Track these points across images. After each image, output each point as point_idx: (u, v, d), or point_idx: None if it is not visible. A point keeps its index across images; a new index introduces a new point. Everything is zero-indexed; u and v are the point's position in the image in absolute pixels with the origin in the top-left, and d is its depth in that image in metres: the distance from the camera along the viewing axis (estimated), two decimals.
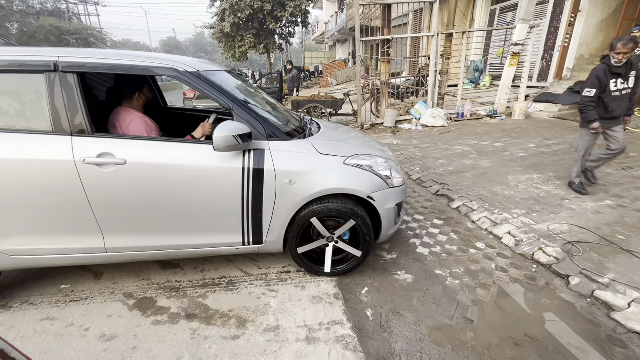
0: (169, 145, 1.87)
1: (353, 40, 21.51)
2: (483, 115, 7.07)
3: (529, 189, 3.40)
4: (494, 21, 10.13)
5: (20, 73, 1.72)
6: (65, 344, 1.69)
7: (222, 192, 1.91)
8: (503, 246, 2.54)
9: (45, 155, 1.72)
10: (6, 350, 0.78)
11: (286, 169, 1.92)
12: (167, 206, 1.90)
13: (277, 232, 2.05)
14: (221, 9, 16.60)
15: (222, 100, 1.90)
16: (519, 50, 6.58)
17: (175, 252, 2.04)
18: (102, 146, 1.76)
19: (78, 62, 1.75)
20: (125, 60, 1.83)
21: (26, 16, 27.27)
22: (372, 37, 7.45)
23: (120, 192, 1.82)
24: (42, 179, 1.74)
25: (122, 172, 1.77)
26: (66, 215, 1.83)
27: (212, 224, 2.00)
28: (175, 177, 1.85)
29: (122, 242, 1.94)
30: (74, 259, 1.95)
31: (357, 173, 2.08)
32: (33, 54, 1.75)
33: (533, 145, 4.87)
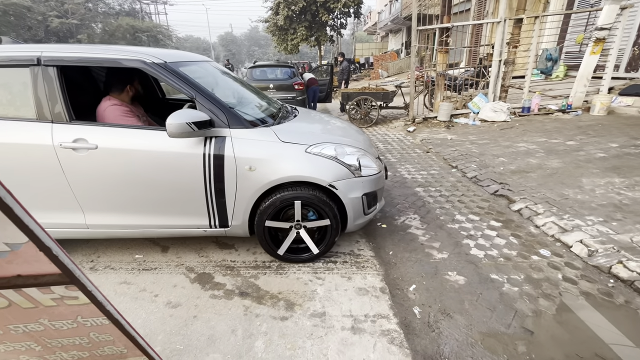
0: (137, 132, 2.04)
1: (407, 29, 20.62)
2: (554, 110, 6.34)
3: (609, 194, 2.99)
4: (573, 3, 8.93)
5: (10, 67, 1.94)
6: (139, 306, 1.93)
7: (185, 176, 2.03)
8: (573, 255, 2.29)
9: (29, 139, 1.94)
10: (104, 303, 0.92)
11: (246, 155, 1.99)
12: (136, 188, 2.06)
13: (242, 216, 2.13)
14: (276, 2, 17.01)
15: (185, 90, 1.99)
16: (604, 36, 5.74)
17: (149, 231, 2.22)
18: (78, 132, 1.95)
19: (57, 56, 1.94)
20: (97, 53, 2.00)
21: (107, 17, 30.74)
22: (429, 25, 7.05)
23: (94, 174, 2.01)
24: (27, 161, 1.97)
25: (94, 155, 1.96)
26: (50, 194, 2.05)
27: (180, 207, 2.13)
28: (141, 161, 2.00)
29: (101, 220, 2.14)
30: (60, 233, 2.19)
31: (319, 161, 2.09)
32: (20, 50, 1.98)
33: (616, 144, 4.25)
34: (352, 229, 2.31)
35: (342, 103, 7.56)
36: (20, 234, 0.68)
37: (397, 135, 6.24)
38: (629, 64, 7.41)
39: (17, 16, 21.82)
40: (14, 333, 0.95)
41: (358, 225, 2.30)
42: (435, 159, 4.61)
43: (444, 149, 4.92)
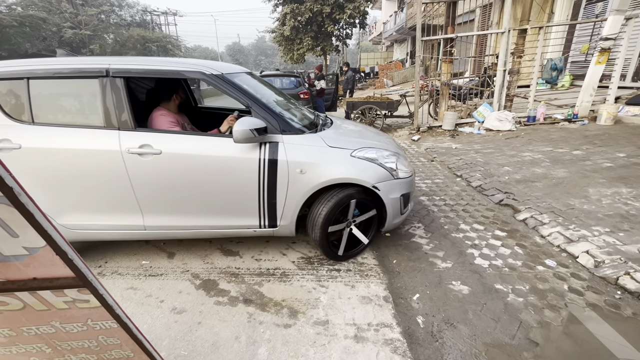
0: (197, 138, 2.20)
1: (412, 39, 20.83)
2: (560, 119, 6.32)
3: (616, 204, 2.97)
4: (578, 14, 8.98)
5: (80, 78, 2.09)
6: (145, 311, 1.96)
7: (241, 179, 2.15)
8: (579, 266, 2.27)
9: (98, 146, 2.06)
10: (114, 307, 0.95)
11: (297, 159, 2.13)
12: (194, 190, 2.17)
13: (290, 217, 2.25)
14: (282, 13, 17.35)
15: (242, 99, 2.16)
16: (609, 46, 5.75)
17: (202, 231, 2.32)
18: (143, 138, 2.07)
19: (125, 68, 2.08)
20: (162, 65, 2.18)
21: (119, 27, 31.62)
22: (433, 35, 7.13)
23: (157, 178, 2.12)
24: (96, 166, 2.09)
25: (158, 160, 2.08)
26: (114, 196, 2.16)
27: (233, 208, 2.24)
28: (201, 165, 2.12)
29: (158, 221, 2.24)
30: (119, 234, 2.29)
31: (363, 164, 2.24)
32: (90, 62, 2.12)
33: (623, 154, 4.22)
34: (389, 228, 2.46)
35: (347, 112, 7.64)
36: (39, 238, 0.72)
37: (402, 144, 6.26)
38: (636, 73, 7.39)
39: (33, 27, 22.58)
40: (27, 335, 0.99)
41: (394, 224, 2.45)
42: (440, 168, 4.62)
43: (448, 157, 4.92)
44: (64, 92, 2.18)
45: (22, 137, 2.04)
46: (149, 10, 35.11)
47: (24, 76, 2.04)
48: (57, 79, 2.10)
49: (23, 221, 0.69)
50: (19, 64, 2.09)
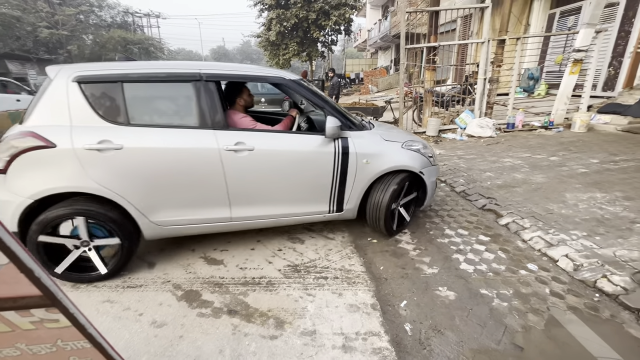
0: (283, 136, 2.42)
1: (396, 47, 21.27)
2: (537, 127, 6.58)
3: (591, 208, 3.09)
4: (552, 26, 9.42)
5: (176, 82, 2.21)
6: (122, 326, 1.85)
7: (320, 170, 2.44)
8: (559, 270, 2.33)
9: (196, 144, 2.17)
10: (86, 326, 0.88)
11: (363, 151, 2.48)
12: (280, 182, 2.40)
13: (354, 202, 2.61)
14: (268, 18, 17.35)
15: (316, 101, 2.47)
16: (581, 57, 6.05)
17: (279, 220, 2.53)
18: (237, 137, 2.25)
19: (216, 73, 2.27)
20: (249, 71, 2.46)
21: (99, 28, 30.71)
22: (416, 44, 7.30)
23: (248, 172, 2.30)
24: (194, 163, 2.19)
25: (251, 156, 2.26)
26: (207, 191, 2.27)
27: (309, 196, 2.51)
28: (287, 159, 2.36)
29: (244, 212, 2.39)
30: (206, 227, 2.39)
31: (411, 154, 2.68)
32: (183, 67, 2.24)
33: (596, 160, 4.42)
34: (426, 206, 2.97)
35: None
36: (1, 255, 0.66)
37: None
38: (606, 83, 7.80)
39: (5, 26, 21.58)
40: None
41: (429, 203, 3.00)
42: None
43: None
44: (157, 94, 2.28)
45: (120, 138, 2.05)
46: (130, 12, 34.31)
47: (118, 80, 2.09)
48: (151, 82, 2.19)
49: None
50: (112, 67, 2.15)
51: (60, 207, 2.00)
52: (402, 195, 2.73)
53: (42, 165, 1.96)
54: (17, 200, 1.94)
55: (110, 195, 2.05)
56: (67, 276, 2.16)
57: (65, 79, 2.03)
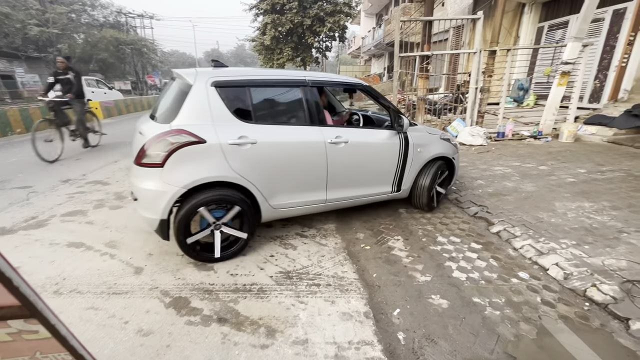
0: (365, 130, 3.09)
1: (389, 55, 21.55)
2: (526, 136, 6.71)
3: (580, 217, 3.14)
4: (540, 39, 9.69)
5: (289, 87, 2.65)
6: (107, 334, 1.79)
7: (390, 157, 3.04)
8: (549, 278, 2.35)
9: (308, 138, 2.60)
10: (68, 338, 0.83)
11: (417, 142, 3.16)
12: (363, 167, 2.91)
13: (409, 183, 3.24)
14: (263, 23, 17.39)
15: (384, 103, 3.06)
16: (569, 70, 6.22)
17: (358, 199, 3.03)
18: (335, 132, 2.72)
19: (318, 79, 2.75)
20: (339, 79, 3.10)
21: (91, 28, 30.29)
22: (409, 52, 7.40)
23: (342, 161, 2.76)
24: (306, 154, 2.61)
25: (346, 147, 2.74)
26: (312, 177, 2.69)
27: (381, 179, 3.08)
28: (370, 149, 2.93)
29: (334, 195, 2.84)
30: (307, 209, 2.80)
31: (446, 144, 3.44)
32: (293, 75, 2.72)
33: (584, 170, 4.51)
34: (452, 183, 3.73)
35: None
36: None
37: None
38: (592, 95, 8.02)
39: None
40: None
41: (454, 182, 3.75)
42: None
43: None
44: (275, 97, 2.67)
45: (253, 134, 2.39)
46: (123, 12, 33.97)
47: (246, 84, 2.46)
48: (271, 87, 2.60)
49: None
50: (239, 73, 2.53)
51: (207, 194, 2.29)
52: (438, 177, 3.39)
53: (194, 158, 2.23)
54: (172, 190, 2.19)
55: (244, 183, 2.38)
56: (200, 256, 2.44)
57: (204, 83, 2.31)
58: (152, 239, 2.86)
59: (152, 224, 2.29)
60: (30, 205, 3.62)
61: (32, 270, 2.37)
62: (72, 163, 5.47)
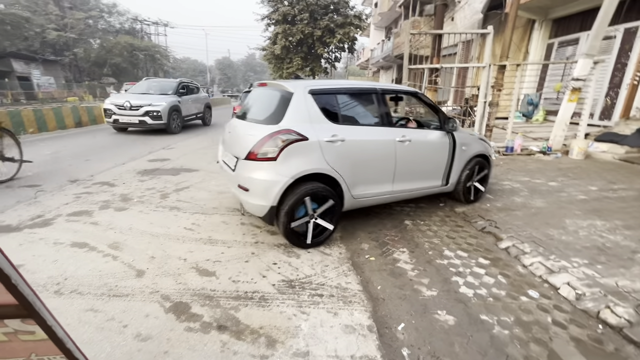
0: (423, 130, 3.46)
1: (398, 67, 21.70)
2: (535, 151, 6.63)
3: (592, 236, 3.05)
4: (550, 55, 9.69)
5: (364, 95, 3.20)
6: (104, 337, 1.75)
7: (443, 154, 3.49)
8: (560, 298, 2.26)
9: (381, 137, 3.04)
10: (64, 340, 0.81)
11: (462, 142, 3.58)
12: (421, 163, 3.36)
13: (454, 178, 3.66)
14: (274, 32, 17.70)
15: (435, 108, 3.55)
16: (580, 86, 6.17)
17: (414, 192, 3.42)
18: (401, 132, 3.17)
19: (386, 88, 3.28)
20: (400, 87, 3.70)
21: (107, 33, 31.17)
22: (419, 64, 7.43)
23: (407, 156, 3.17)
24: (380, 151, 3.02)
25: (409, 145, 3.16)
26: (383, 171, 3.09)
27: (433, 173, 3.52)
28: (428, 147, 3.39)
29: (398, 187, 3.23)
30: (377, 199, 3.17)
31: (484, 143, 3.93)
32: (367, 85, 3.23)
33: (595, 188, 4.42)
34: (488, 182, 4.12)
35: None
36: None
37: None
38: (603, 112, 7.94)
39: (14, 26, 21.84)
40: None
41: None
42: None
43: None
44: (355, 103, 3.14)
45: (341, 133, 2.78)
46: (139, 19, 34.94)
47: (334, 92, 2.96)
48: (351, 94, 3.12)
49: None
50: (328, 84, 3.04)
51: (308, 184, 2.65)
52: (476, 174, 3.80)
53: (299, 153, 2.61)
54: (283, 180, 2.55)
55: (335, 175, 2.76)
56: (298, 240, 2.78)
57: (302, 91, 2.76)
58: (156, 242, 2.85)
59: (262, 210, 2.64)
60: (37, 204, 3.65)
61: (35, 268, 2.36)
62: (80, 164, 5.54)
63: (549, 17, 9.47)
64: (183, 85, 10.17)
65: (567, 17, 9.02)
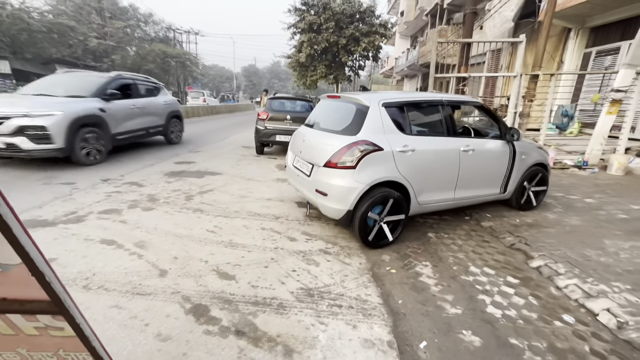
0: (484, 140, 3.54)
1: (422, 75, 21.42)
2: (569, 165, 6.27)
3: (635, 259, 2.81)
4: (587, 65, 9.19)
5: (430, 106, 3.30)
6: (127, 335, 1.79)
7: (502, 162, 3.59)
8: (599, 325, 2.09)
9: (447, 146, 3.19)
10: (90, 338, 0.82)
11: (521, 150, 3.67)
12: (482, 171, 3.47)
13: (513, 186, 3.75)
14: (300, 41, 18.00)
15: (496, 118, 3.71)
16: (620, 97, 5.80)
17: (474, 199, 3.55)
18: (465, 142, 3.28)
19: (451, 99, 3.39)
20: (464, 98, 3.94)
21: (142, 41, 32.96)
22: (445, 73, 7.28)
23: (470, 165, 3.28)
24: (445, 160, 3.17)
25: (473, 154, 3.29)
26: (447, 179, 3.22)
27: (493, 181, 3.63)
28: (489, 156, 3.52)
29: (459, 194, 3.36)
30: (440, 205, 3.32)
31: (542, 152, 4.03)
32: (432, 96, 3.36)
33: (637, 207, 4.10)
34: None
35: None
36: (14, 254, 0.62)
37: None
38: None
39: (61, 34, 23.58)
40: None
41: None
42: None
43: None
44: (422, 114, 3.32)
45: (411, 143, 2.94)
46: (172, 28, 36.75)
47: (403, 104, 3.06)
48: (419, 106, 3.25)
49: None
50: (397, 96, 3.12)
51: (381, 190, 2.85)
52: (534, 182, 3.91)
53: (375, 162, 2.79)
54: (360, 187, 2.74)
55: (405, 182, 2.92)
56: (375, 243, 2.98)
57: (377, 104, 2.92)
58: (179, 242, 2.91)
59: (339, 214, 2.85)
60: (72, 201, 3.85)
61: (66, 262, 2.47)
62: (112, 164, 5.82)
63: (586, 25, 9.03)
64: (121, 84, 6.34)
65: (607, 25, 8.56)
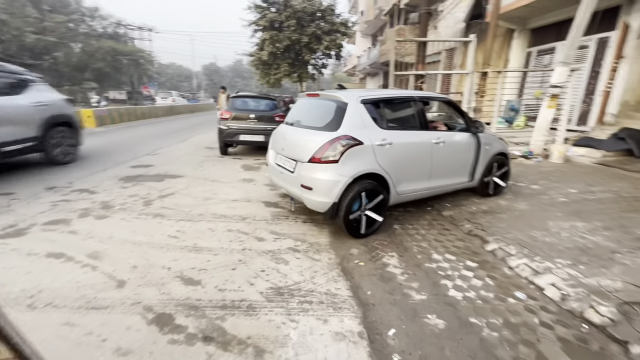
0: (453, 133, 3.83)
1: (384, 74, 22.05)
2: (517, 156, 6.81)
3: (573, 237, 3.13)
4: (529, 63, 10.05)
5: (404, 102, 3.56)
6: (82, 353, 1.66)
7: (469, 153, 3.87)
8: (546, 299, 2.30)
9: (420, 139, 3.42)
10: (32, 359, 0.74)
11: (486, 142, 3.97)
12: (452, 161, 3.75)
13: (479, 175, 4.06)
14: (261, 39, 17.70)
15: (462, 112, 3.99)
16: (557, 93, 6.41)
17: (446, 187, 3.82)
18: (436, 135, 3.54)
19: (422, 96, 3.78)
20: (433, 95, 4.42)
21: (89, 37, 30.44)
22: (404, 71, 7.57)
23: (441, 156, 3.55)
24: (419, 152, 3.40)
25: (442, 146, 3.52)
26: (422, 169, 3.45)
27: (461, 171, 3.89)
28: (458, 147, 3.78)
29: (433, 184, 3.60)
30: (416, 194, 3.54)
31: (503, 142, 4.39)
32: (406, 94, 3.65)
33: (575, 190, 4.57)
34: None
35: None
36: None
37: None
38: (580, 118, 8.26)
39: None
40: None
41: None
42: None
43: None
44: (397, 109, 3.56)
45: (388, 137, 3.12)
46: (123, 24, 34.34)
47: (380, 101, 3.30)
48: (393, 102, 3.51)
49: None
50: (374, 94, 3.33)
51: (363, 183, 3.00)
52: (495, 170, 4.21)
53: (356, 156, 2.94)
54: (344, 180, 2.88)
55: (384, 174, 3.10)
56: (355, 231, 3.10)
57: (356, 100, 3.09)
58: (138, 250, 2.74)
59: (324, 207, 2.95)
60: (10, 213, 3.47)
61: (6, 281, 2.23)
62: (59, 170, 5.32)
63: (527, 27, 9.85)
64: None
65: (544, 27, 9.40)
